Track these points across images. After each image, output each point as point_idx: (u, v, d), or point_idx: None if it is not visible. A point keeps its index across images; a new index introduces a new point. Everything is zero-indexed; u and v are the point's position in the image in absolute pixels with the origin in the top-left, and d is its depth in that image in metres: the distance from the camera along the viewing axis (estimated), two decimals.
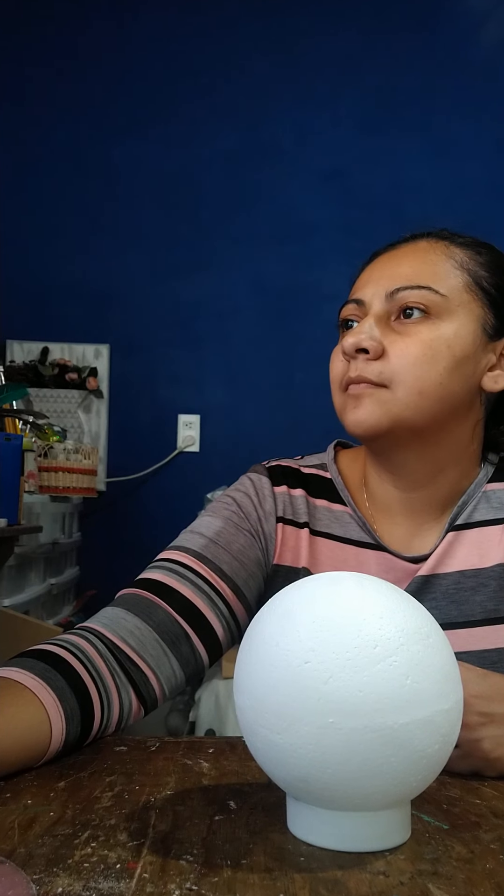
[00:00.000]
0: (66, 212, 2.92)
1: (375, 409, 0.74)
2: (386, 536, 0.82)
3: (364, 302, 0.78)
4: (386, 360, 0.74)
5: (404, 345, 0.74)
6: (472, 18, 2.95)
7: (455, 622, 0.79)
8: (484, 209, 2.82)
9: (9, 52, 2.93)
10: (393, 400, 0.74)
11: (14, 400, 2.22)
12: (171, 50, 2.94)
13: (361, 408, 0.75)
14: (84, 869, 0.43)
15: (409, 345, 0.74)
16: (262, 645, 0.46)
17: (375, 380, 0.74)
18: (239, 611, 0.79)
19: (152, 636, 0.72)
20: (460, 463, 0.81)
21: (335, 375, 0.79)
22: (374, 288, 0.77)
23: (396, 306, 0.76)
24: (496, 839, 0.48)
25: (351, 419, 0.76)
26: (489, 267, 0.79)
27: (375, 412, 0.74)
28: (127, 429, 2.90)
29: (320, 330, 2.88)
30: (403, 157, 2.94)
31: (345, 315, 0.80)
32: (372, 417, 0.74)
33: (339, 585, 0.47)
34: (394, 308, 0.76)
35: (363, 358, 0.75)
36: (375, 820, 0.46)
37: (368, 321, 0.76)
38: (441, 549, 0.80)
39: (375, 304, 0.77)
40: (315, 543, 0.83)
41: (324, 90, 2.95)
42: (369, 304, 0.77)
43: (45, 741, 0.59)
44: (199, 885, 0.41)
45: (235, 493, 0.85)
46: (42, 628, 1.83)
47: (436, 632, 0.47)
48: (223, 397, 2.90)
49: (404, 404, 0.74)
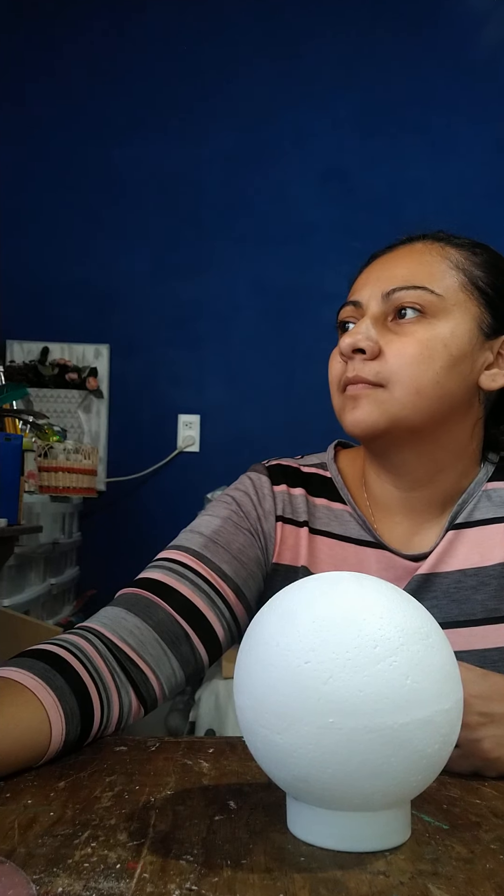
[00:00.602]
0: (66, 212, 2.92)
1: (373, 409, 0.74)
2: (386, 535, 0.82)
3: (361, 303, 0.79)
4: (383, 359, 0.75)
5: (401, 344, 0.74)
6: (471, 19, 2.95)
7: (456, 621, 0.79)
8: (484, 209, 2.82)
9: (9, 52, 2.93)
10: (390, 399, 0.74)
11: (14, 400, 2.22)
12: (171, 50, 2.94)
13: (359, 408, 0.75)
14: (84, 869, 0.43)
15: (405, 344, 0.74)
16: (262, 645, 0.46)
17: (373, 379, 0.74)
18: (239, 610, 0.79)
19: (152, 636, 0.72)
20: (460, 462, 0.81)
21: (333, 376, 0.79)
22: (371, 289, 0.78)
23: (393, 307, 0.76)
24: (496, 839, 0.48)
25: (349, 419, 0.76)
26: (485, 267, 0.79)
27: (373, 412, 0.74)
28: (127, 429, 2.90)
29: (320, 330, 2.88)
30: (403, 158, 2.94)
31: (342, 317, 0.81)
32: (370, 417, 0.75)
33: (339, 585, 0.47)
34: (390, 308, 0.77)
35: (360, 358, 0.75)
36: (375, 820, 0.46)
37: (365, 322, 0.77)
38: (441, 547, 0.80)
39: (372, 306, 0.77)
40: (314, 542, 0.83)
41: (323, 91, 2.95)
42: (366, 305, 0.78)
43: (45, 741, 0.59)
44: (199, 885, 0.41)
45: (235, 492, 0.86)
46: (42, 628, 1.83)
47: (436, 632, 0.47)
48: (223, 397, 2.90)
49: (402, 404, 0.74)
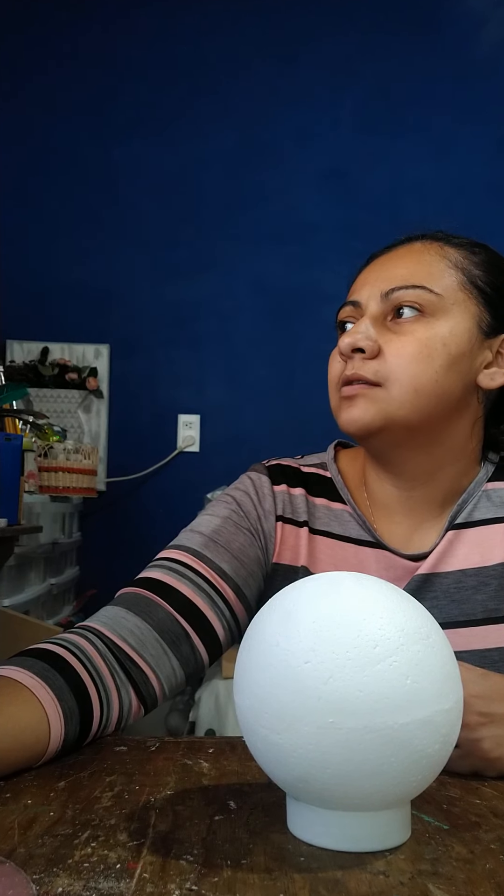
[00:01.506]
0: (66, 212, 2.92)
1: (369, 407, 0.75)
2: (385, 535, 0.82)
3: (360, 303, 0.79)
4: (382, 359, 0.75)
5: (400, 343, 0.75)
6: (472, 19, 2.95)
7: (456, 621, 0.79)
8: (484, 209, 2.82)
9: (9, 52, 2.93)
10: (387, 398, 0.74)
11: (14, 400, 2.21)
12: (171, 50, 2.94)
13: (355, 406, 0.75)
14: (84, 869, 0.43)
15: (404, 343, 0.75)
16: (262, 645, 0.46)
17: (371, 378, 0.75)
18: (239, 610, 0.79)
19: (152, 635, 0.72)
20: (459, 461, 0.81)
21: (332, 375, 0.80)
22: (370, 289, 0.78)
23: (391, 306, 0.77)
24: (496, 839, 0.48)
25: (345, 418, 0.76)
26: (484, 266, 0.79)
27: (369, 410, 0.75)
28: (127, 429, 2.90)
29: (320, 330, 2.87)
30: (403, 157, 2.94)
31: (342, 317, 0.82)
32: (366, 416, 0.75)
33: (339, 585, 0.47)
34: (389, 308, 0.77)
35: (359, 357, 0.76)
36: (375, 820, 0.46)
37: (364, 321, 0.77)
38: (441, 547, 0.80)
39: (371, 305, 0.78)
40: (314, 542, 0.83)
41: (324, 90, 2.95)
42: (365, 305, 0.78)
43: (44, 740, 0.59)
44: (199, 885, 0.41)
45: (235, 491, 0.86)
46: (42, 628, 1.83)
47: (436, 632, 0.47)
48: (223, 397, 2.90)
49: (399, 402, 0.74)
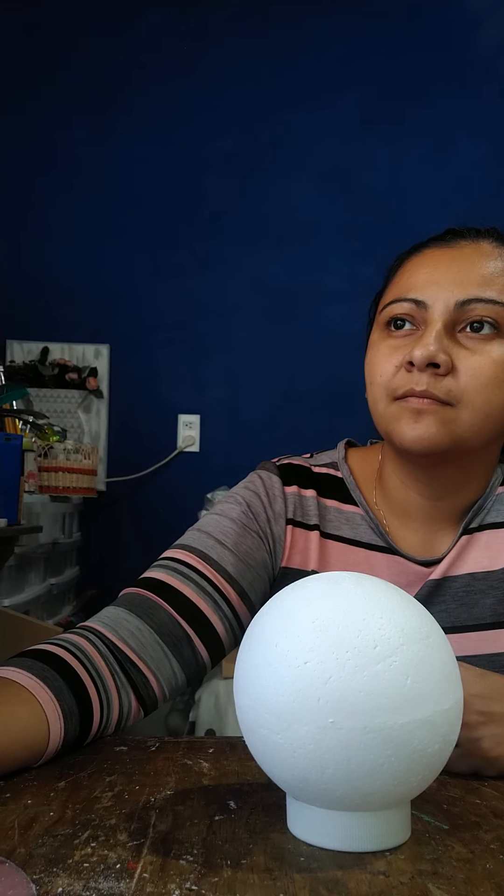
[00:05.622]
0: (66, 212, 2.92)
1: (439, 427, 0.69)
2: (399, 540, 0.81)
3: (426, 305, 0.71)
4: (455, 377, 0.69)
5: (476, 363, 0.69)
6: (472, 19, 2.95)
7: (465, 625, 0.78)
8: (484, 209, 2.81)
9: (9, 52, 2.93)
10: (457, 420, 0.69)
11: (14, 400, 2.21)
12: (171, 50, 2.94)
13: (422, 424, 0.69)
14: (84, 869, 0.42)
15: (481, 364, 0.69)
16: (262, 645, 0.46)
17: (443, 397, 0.69)
18: (243, 613, 0.77)
19: (153, 638, 0.72)
20: (488, 473, 0.80)
21: (384, 381, 0.72)
22: (439, 292, 0.71)
23: (465, 317, 0.70)
24: (496, 839, 0.48)
25: (410, 435, 0.70)
26: None
27: (439, 431, 0.69)
28: (127, 429, 2.90)
29: (320, 330, 2.88)
30: (403, 157, 2.93)
31: (399, 312, 0.73)
32: (435, 436, 0.69)
33: (338, 585, 0.47)
34: (462, 319, 0.71)
35: (432, 372, 0.69)
36: (375, 820, 0.46)
37: (439, 332, 0.70)
38: (454, 552, 0.79)
39: (443, 312, 0.70)
40: (325, 546, 0.81)
41: (324, 90, 2.95)
42: (433, 308, 0.71)
43: (44, 740, 0.59)
44: (199, 885, 0.41)
45: (244, 491, 0.83)
46: (42, 628, 1.83)
47: (436, 632, 0.47)
48: (223, 397, 2.90)
49: (469, 426, 0.70)
